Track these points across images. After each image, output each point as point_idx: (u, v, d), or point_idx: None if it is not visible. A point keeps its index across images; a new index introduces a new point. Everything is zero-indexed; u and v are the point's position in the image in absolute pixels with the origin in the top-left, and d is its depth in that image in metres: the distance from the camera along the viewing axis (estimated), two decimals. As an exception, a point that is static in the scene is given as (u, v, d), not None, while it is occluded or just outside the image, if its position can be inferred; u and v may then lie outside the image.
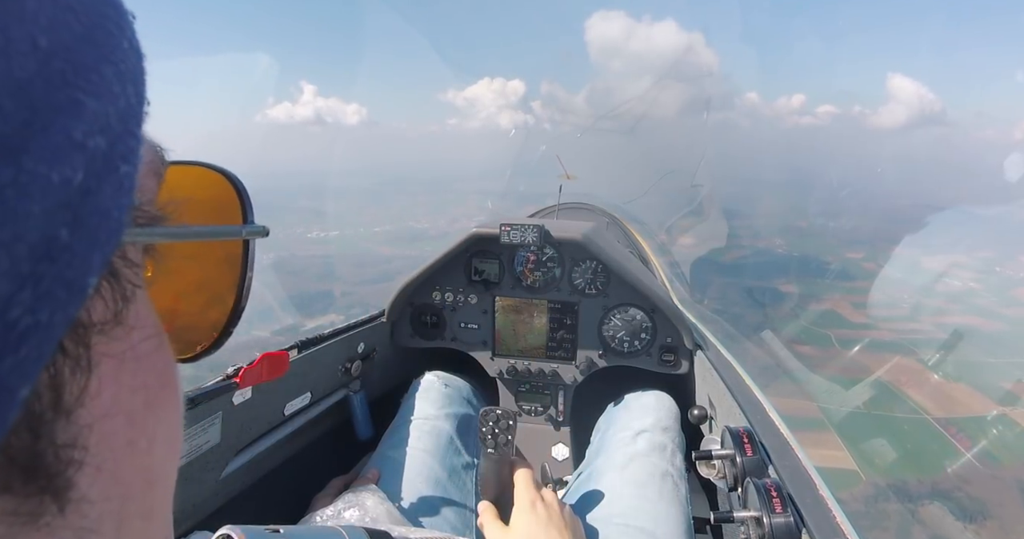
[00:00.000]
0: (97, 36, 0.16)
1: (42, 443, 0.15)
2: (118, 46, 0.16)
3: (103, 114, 0.15)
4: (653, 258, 3.01)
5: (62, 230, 0.14)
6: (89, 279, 0.15)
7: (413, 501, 1.09)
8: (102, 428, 0.17)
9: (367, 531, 0.71)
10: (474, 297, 1.59)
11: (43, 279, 0.13)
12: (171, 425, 0.22)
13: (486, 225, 1.49)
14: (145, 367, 0.20)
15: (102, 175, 0.15)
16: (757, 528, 0.84)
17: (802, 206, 46.86)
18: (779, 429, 1.09)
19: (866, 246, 30.25)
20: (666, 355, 1.52)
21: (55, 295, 0.13)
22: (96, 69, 0.15)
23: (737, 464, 0.99)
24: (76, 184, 0.14)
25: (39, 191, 0.13)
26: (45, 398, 0.15)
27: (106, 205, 0.15)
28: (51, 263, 0.13)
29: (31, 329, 0.13)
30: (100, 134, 0.15)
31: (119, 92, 0.16)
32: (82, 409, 0.16)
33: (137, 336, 0.19)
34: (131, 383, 0.19)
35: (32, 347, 0.13)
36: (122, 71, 0.16)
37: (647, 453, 1.19)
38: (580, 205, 3.36)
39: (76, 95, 0.14)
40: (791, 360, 13.84)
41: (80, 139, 0.14)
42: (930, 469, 12.01)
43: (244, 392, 1.04)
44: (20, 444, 0.14)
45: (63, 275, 0.14)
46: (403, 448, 1.20)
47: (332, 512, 0.96)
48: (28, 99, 0.13)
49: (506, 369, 1.60)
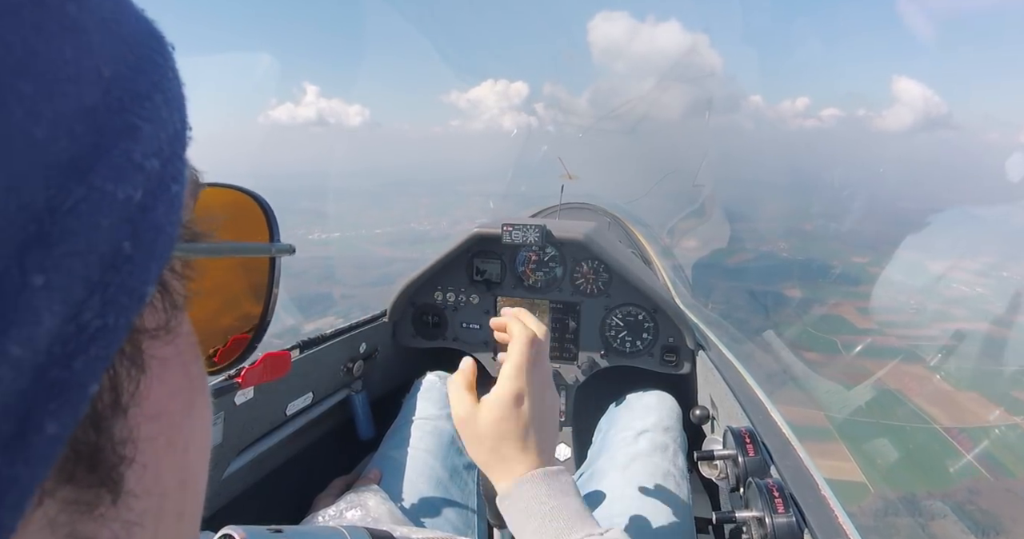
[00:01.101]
0: (147, 66, 0.17)
1: (103, 438, 0.16)
2: (165, 75, 0.18)
3: (156, 138, 0.17)
4: (655, 258, 3.00)
5: (125, 243, 0.15)
6: (148, 288, 0.16)
7: (415, 501, 1.09)
8: (148, 428, 0.18)
9: (369, 531, 0.70)
10: (476, 297, 1.59)
11: (110, 286, 0.14)
12: (203, 429, 0.23)
13: (488, 225, 1.49)
14: (186, 372, 0.21)
15: (157, 194, 0.16)
16: (759, 528, 0.84)
17: (806, 209, 46.63)
18: (781, 429, 1.09)
19: (872, 250, 29.97)
20: (668, 355, 1.52)
21: (119, 301, 0.15)
22: (149, 97, 0.17)
23: (739, 464, 0.98)
24: (136, 201, 0.15)
25: (107, 206, 0.14)
26: (106, 397, 0.16)
27: (160, 221, 0.16)
28: (116, 272, 0.15)
29: (99, 331, 0.14)
30: (154, 156, 0.16)
31: (167, 118, 0.17)
32: (135, 408, 0.18)
33: (182, 343, 0.21)
34: (174, 386, 0.20)
35: (100, 348, 0.14)
36: (169, 98, 0.18)
37: (649, 453, 1.18)
38: (582, 205, 3.36)
39: (134, 120, 0.16)
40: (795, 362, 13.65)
41: (139, 160, 0.16)
42: (940, 481, 11.68)
43: (246, 392, 1.04)
44: (85, 438, 0.16)
45: (126, 283, 0.15)
46: (405, 448, 1.20)
47: (334, 512, 0.96)
48: (95, 124, 0.15)
49: None
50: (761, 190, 69.37)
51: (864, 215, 41.74)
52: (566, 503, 0.65)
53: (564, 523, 0.62)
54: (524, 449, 0.68)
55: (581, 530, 0.62)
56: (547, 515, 0.63)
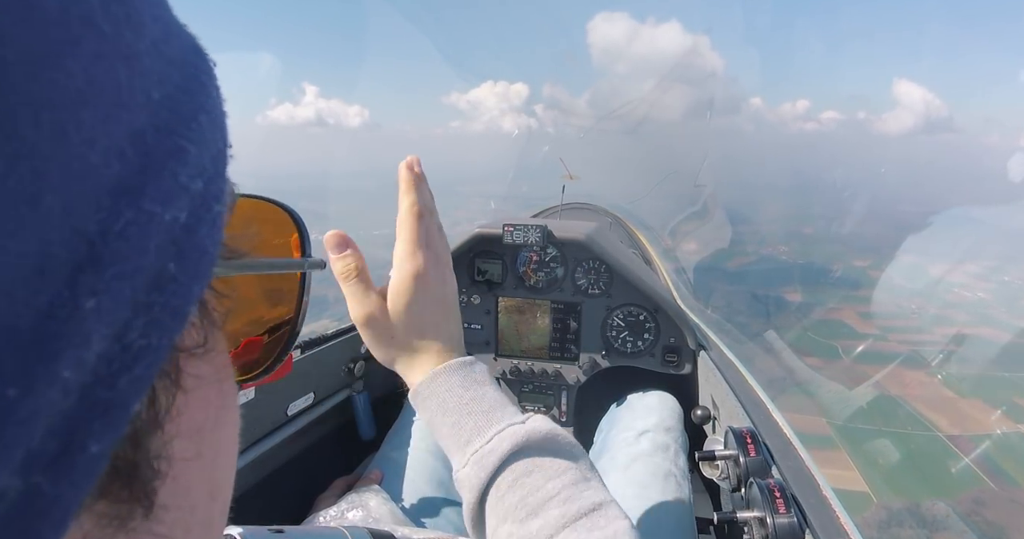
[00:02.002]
0: (192, 87, 0.17)
1: (140, 454, 0.17)
2: (209, 95, 0.18)
3: (201, 159, 0.17)
4: (656, 258, 3.00)
5: (171, 264, 0.15)
6: (190, 308, 0.16)
7: (416, 501, 1.09)
8: (181, 442, 0.19)
9: (370, 532, 0.71)
10: (477, 297, 1.59)
11: (154, 307, 0.15)
12: (231, 441, 0.24)
13: (489, 225, 1.49)
14: (219, 388, 0.22)
15: (201, 214, 0.16)
16: (760, 529, 0.84)
17: (807, 212, 46.41)
18: (782, 430, 1.08)
19: (873, 253, 29.73)
20: (669, 355, 1.52)
21: (163, 321, 0.15)
22: (194, 118, 0.17)
23: (740, 464, 0.98)
24: (182, 223, 0.16)
25: (155, 229, 0.15)
26: (145, 414, 0.17)
27: (203, 242, 0.17)
28: (160, 293, 0.15)
29: (143, 351, 0.14)
30: (199, 177, 0.16)
31: (211, 138, 0.18)
32: (170, 424, 0.18)
33: (217, 360, 0.21)
34: (206, 401, 0.21)
35: (143, 367, 0.14)
36: (213, 119, 0.18)
37: (650, 453, 1.18)
38: (583, 205, 3.36)
39: (180, 142, 0.16)
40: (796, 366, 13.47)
41: (185, 182, 0.16)
42: (944, 491, 11.43)
43: (247, 392, 1.04)
44: (123, 454, 0.16)
45: (170, 304, 0.15)
46: (406, 448, 1.20)
47: (335, 512, 0.96)
48: (144, 146, 0.15)
49: (509, 370, 1.60)
50: (761, 193, 69.18)
51: (865, 218, 41.56)
52: (483, 393, 0.62)
53: (483, 415, 0.60)
54: (434, 337, 0.65)
55: (501, 421, 0.59)
56: (464, 407, 0.61)
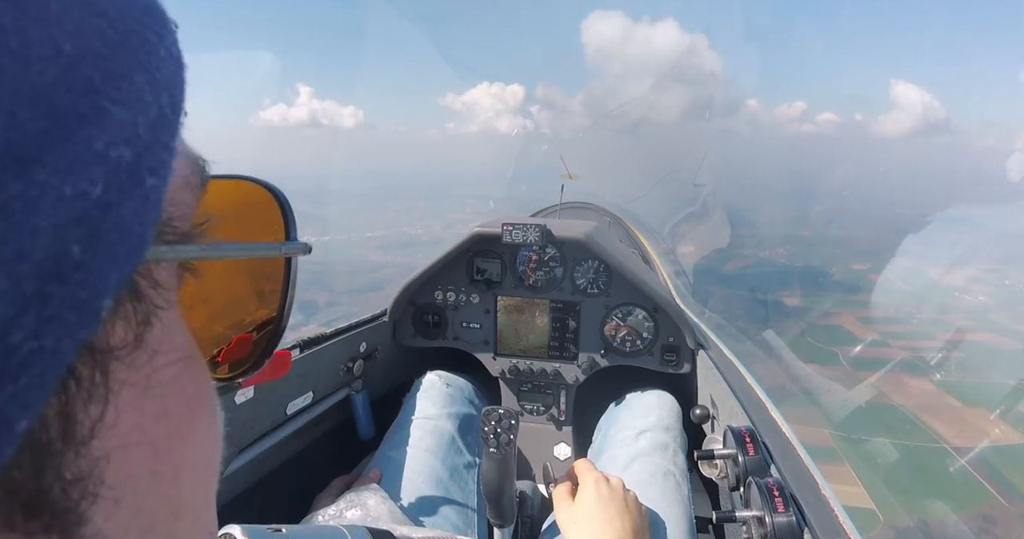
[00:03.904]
0: (132, 43, 0.15)
1: (47, 477, 0.14)
2: (154, 53, 0.16)
3: (131, 124, 0.14)
4: (655, 258, 3.00)
5: (74, 247, 0.13)
6: (103, 301, 0.14)
7: (415, 500, 1.09)
8: (121, 459, 0.16)
9: (369, 530, 0.71)
10: (476, 297, 1.59)
11: (50, 300, 0.12)
12: (202, 452, 0.21)
13: (488, 225, 1.49)
14: (171, 393, 0.18)
15: (125, 188, 0.14)
16: (759, 527, 0.84)
17: (805, 215, 46.25)
18: (781, 429, 1.08)
19: (872, 257, 29.51)
20: (668, 354, 1.52)
21: (63, 318, 0.13)
22: (127, 77, 0.15)
23: (739, 463, 0.98)
24: (94, 197, 0.13)
25: (49, 205, 0.12)
26: (53, 429, 0.14)
27: (127, 220, 0.14)
28: (60, 283, 0.12)
29: (34, 355, 0.12)
30: (125, 145, 0.14)
31: (151, 101, 0.15)
32: (96, 441, 0.15)
33: (162, 361, 0.18)
34: (155, 411, 0.18)
35: (35, 375, 0.12)
36: (157, 79, 0.16)
37: (649, 452, 1.18)
38: (582, 205, 3.35)
39: (102, 103, 0.14)
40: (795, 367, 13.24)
41: (101, 149, 0.13)
42: (952, 507, 10.94)
43: (246, 391, 1.04)
44: (22, 478, 0.13)
45: (73, 296, 0.13)
46: (405, 447, 1.20)
47: (334, 511, 0.96)
48: (48, 106, 0.12)
49: (508, 369, 1.60)
50: (759, 195, 68.98)
51: (863, 221, 41.46)
52: None
53: None
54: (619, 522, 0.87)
55: None
56: None
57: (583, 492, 0.93)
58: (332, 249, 49.73)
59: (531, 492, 1.27)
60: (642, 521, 0.92)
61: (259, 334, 0.31)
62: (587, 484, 0.94)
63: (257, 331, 0.31)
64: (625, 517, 0.88)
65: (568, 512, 0.93)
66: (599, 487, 0.93)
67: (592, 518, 0.88)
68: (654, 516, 1.02)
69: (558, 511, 0.95)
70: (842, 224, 40.11)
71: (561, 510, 0.94)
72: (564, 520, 0.92)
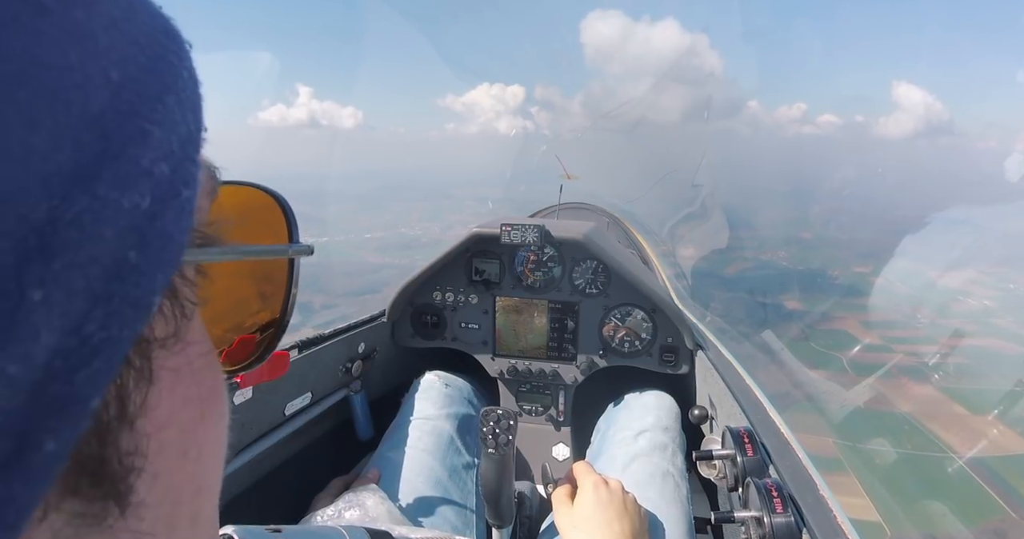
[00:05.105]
0: (160, 67, 0.17)
1: (108, 450, 0.16)
2: (179, 75, 0.17)
3: (167, 142, 0.16)
4: (654, 258, 3.00)
5: (131, 252, 0.14)
6: (154, 298, 0.16)
7: (413, 501, 1.09)
8: (160, 437, 0.18)
9: (368, 531, 0.71)
10: (475, 297, 1.59)
11: (114, 298, 0.14)
12: (218, 435, 0.23)
13: (487, 225, 1.49)
14: (199, 381, 0.21)
15: (166, 200, 0.16)
16: (758, 528, 0.84)
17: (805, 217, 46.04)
18: (780, 429, 1.09)
19: (874, 259, 29.15)
20: (667, 355, 1.52)
21: (124, 312, 0.14)
22: (160, 99, 0.16)
23: (738, 464, 0.98)
24: (144, 209, 0.15)
25: (112, 216, 0.14)
26: (112, 408, 0.16)
27: (169, 228, 0.16)
28: (120, 283, 0.14)
29: (103, 344, 0.14)
30: (164, 161, 0.16)
31: (180, 120, 0.17)
32: (143, 419, 0.17)
33: (194, 351, 0.20)
34: (186, 395, 0.20)
35: (103, 361, 0.14)
36: (183, 100, 0.17)
37: (648, 453, 1.18)
38: (581, 205, 3.36)
39: (144, 125, 0.15)
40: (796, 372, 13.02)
41: (147, 166, 0.15)
42: (961, 521, 10.47)
43: (245, 392, 1.04)
44: (89, 451, 0.15)
45: (131, 294, 0.15)
46: (403, 448, 1.20)
47: (333, 512, 0.96)
48: (102, 130, 0.14)
49: (507, 369, 1.60)
50: (759, 197, 68.74)
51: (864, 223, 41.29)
52: None
53: None
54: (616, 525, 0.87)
55: None
56: None
57: (582, 495, 0.94)
58: (331, 250, 49.21)
59: (530, 493, 1.27)
60: (641, 523, 0.92)
61: (261, 336, 0.33)
62: (586, 487, 0.95)
63: (259, 332, 0.33)
64: (624, 520, 0.89)
65: (567, 515, 0.93)
66: (598, 490, 0.93)
67: (591, 521, 0.88)
68: (653, 517, 1.02)
69: (557, 514, 0.95)
70: (842, 226, 39.99)
71: (560, 513, 0.95)
72: (564, 524, 0.93)
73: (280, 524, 0.63)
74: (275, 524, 0.62)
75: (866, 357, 17.61)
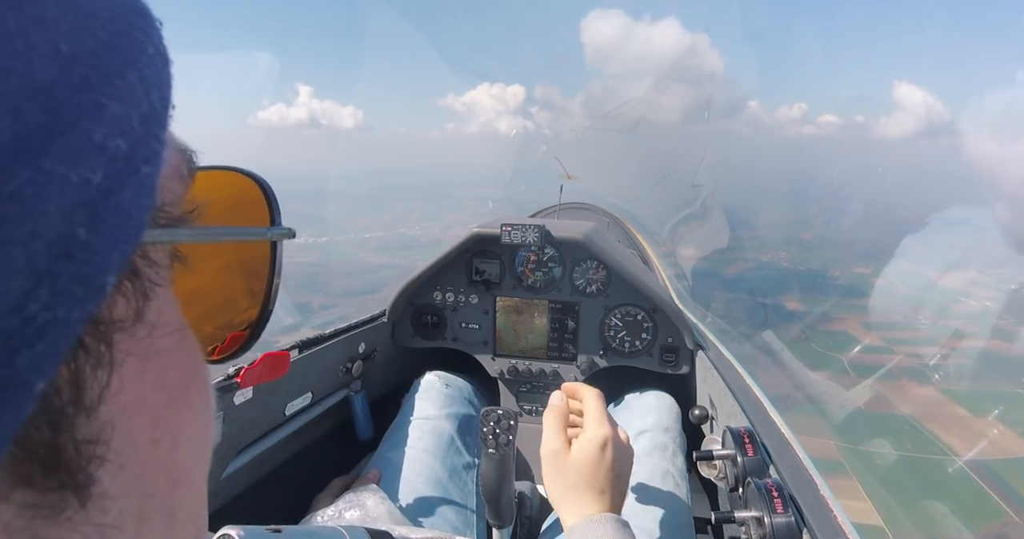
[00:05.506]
0: (121, 42, 0.16)
1: (62, 438, 0.15)
2: (143, 52, 0.17)
3: (125, 118, 0.15)
4: (654, 258, 3.01)
5: (79, 229, 0.14)
6: (107, 277, 0.15)
7: (414, 501, 1.09)
8: (125, 425, 0.17)
9: (368, 531, 0.71)
10: (475, 297, 1.59)
11: (60, 276, 0.13)
12: (198, 424, 0.22)
13: (487, 225, 1.49)
14: (169, 365, 0.20)
15: (122, 176, 0.15)
16: (758, 528, 0.84)
17: (806, 217, 45.88)
18: (780, 429, 1.09)
19: (875, 260, 28.97)
20: (667, 355, 1.52)
21: (72, 292, 0.14)
22: (120, 74, 0.16)
23: (738, 464, 0.98)
24: (95, 184, 0.14)
25: (56, 190, 0.13)
26: (65, 393, 0.15)
27: (126, 205, 0.15)
28: (69, 261, 0.14)
29: (48, 325, 0.13)
30: (121, 137, 0.15)
31: (142, 96, 0.16)
32: (104, 406, 0.16)
33: (160, 334, 0.19)
34: (154, 381, 0.19)
35: (49, 342, 0.13)
36: (147, 76, 0.17)
37: (648, 453, 1.18)
38: (581, 205, 3.36)
39: (98, 99, 0.15)
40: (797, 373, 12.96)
41: (100, 141, 0.15)
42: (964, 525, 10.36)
43: (245, 392, 1.04)
44: (40, 438, 0.15)
45: (81, 272, 0.14)
46: (404, 448, 1.20)
47: (333, 512, 0.96)
48: (49, 102, 0.13)
49: (507, 369, 1.60)
50: (760, 197, 68.55)
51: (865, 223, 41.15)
52: None
53: None
54: (601, 493, 0.75)
55: None
56: None
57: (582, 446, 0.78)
58: (330, 250, 49.20)
59: (530, 493, 1.27)
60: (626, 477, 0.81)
61: (251, 332, 0.32)
62: (593, 441, 0.78)
63: (249, 329, 0.32)
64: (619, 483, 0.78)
65: (559, 470, 0.78)
66: (605, 451, 0.78)
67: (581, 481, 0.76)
68: (653, 517, 1.02)
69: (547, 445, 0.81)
70: (844, 227, 39.86)
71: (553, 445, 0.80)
72: (552, 468, 0.79)
73: (280, 524, 0.63)
74: (275, 524, 0.62)
75: (866, 358, 17.60)
